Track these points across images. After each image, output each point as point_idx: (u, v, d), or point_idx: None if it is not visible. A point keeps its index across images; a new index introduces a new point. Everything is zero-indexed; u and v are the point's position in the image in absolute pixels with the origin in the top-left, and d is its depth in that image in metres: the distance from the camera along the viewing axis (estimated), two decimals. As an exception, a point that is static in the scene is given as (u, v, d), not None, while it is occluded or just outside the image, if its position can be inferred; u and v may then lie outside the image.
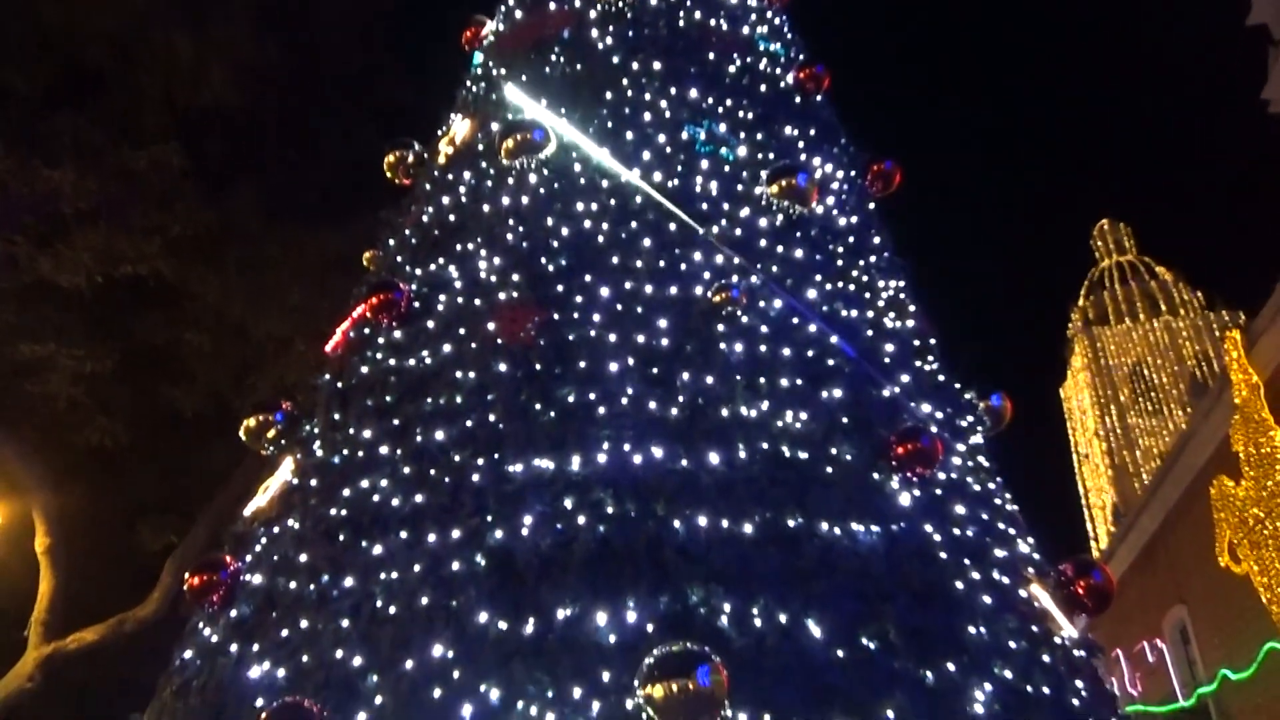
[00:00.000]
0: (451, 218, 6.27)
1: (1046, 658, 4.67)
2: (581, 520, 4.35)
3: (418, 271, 6.08)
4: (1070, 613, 5.28)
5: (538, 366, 5.02)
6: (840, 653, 4.04)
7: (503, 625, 4.09)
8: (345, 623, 4.34)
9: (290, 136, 16.44)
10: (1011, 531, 5.38)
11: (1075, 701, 4.60)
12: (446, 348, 5.39)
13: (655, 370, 4.92)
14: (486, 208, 6.10)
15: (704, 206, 5.81)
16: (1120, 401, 45.58)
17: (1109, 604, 5.40)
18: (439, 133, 7.44)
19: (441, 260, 5.99)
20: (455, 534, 4.47)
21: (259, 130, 16.19)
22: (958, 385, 6.23)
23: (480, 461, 4.70)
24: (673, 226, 5.66)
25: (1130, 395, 45.79)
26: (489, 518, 4.46)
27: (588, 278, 5.40)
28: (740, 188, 6.01)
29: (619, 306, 5.24)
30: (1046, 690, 4.47)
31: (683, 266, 5.46)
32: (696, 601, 4.08)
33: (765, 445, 4.66)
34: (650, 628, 3.98)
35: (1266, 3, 15.08)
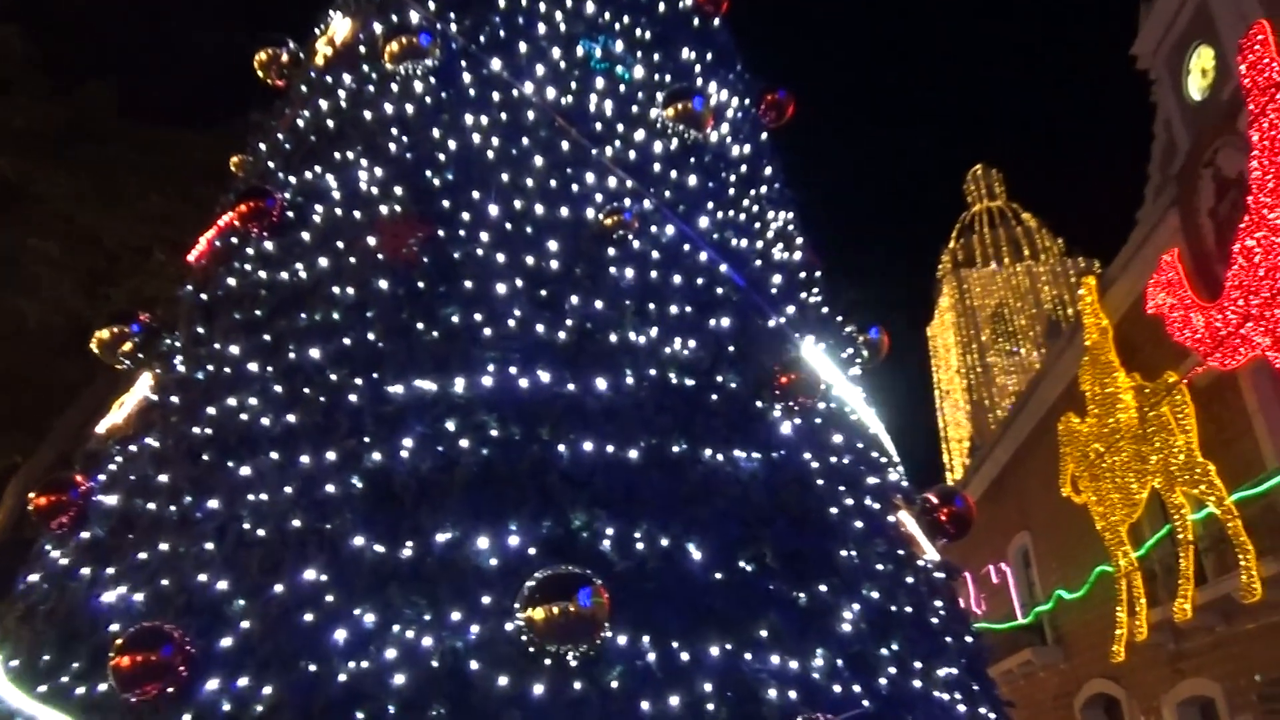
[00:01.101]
0: (330, 123, 5.91)
1: (910, 579, 4.89)
2: (464, 443, 4.25)
3: (292, 179, 5.72)
4: (933, 537, 5.55)
5: (421, 284, 4.83)
6: (719, 575, 4.12)
7: (379, 549, 3.99)
8: (209, 546, 4.15)
9: (150, 32, 15.19)
10: (883, 460, 5.57)
11: (934, 620, 4.85)
12: (323, 261, 5.12)
13: (544, 293, 4.80)
14: (368, 115, 5.77)
15: (597, 127, 5.65)
16: (981, 341, 48.06)
17: (969, 530, 5.71)
18: (316, 31, 6.96)
19: (318, 168, 5.65)
20: (330, 455, 4.31)
21: (115, 23, 14.89)
22: (839, 318, 6.36)
23: (358, 381, 4.52)
24: (565, 145, 5.49)
25: (991, 335, 48.32)
26: (366, 439, 4.31)
27: (475, 194, 5.20)
28: (635, 109, 5.87)
29: (508, 226, 5.07)
30: (909, 609, 4.69)
31: (574, 187, 5.31)
32: (579, 525, 4.07)
33: (653, 372, 4.65)
34: (532, 551, 3.96)
35: (1141, -40, 15.69)
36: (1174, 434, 14.72)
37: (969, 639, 5.17)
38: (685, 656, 3.82)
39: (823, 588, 4.31)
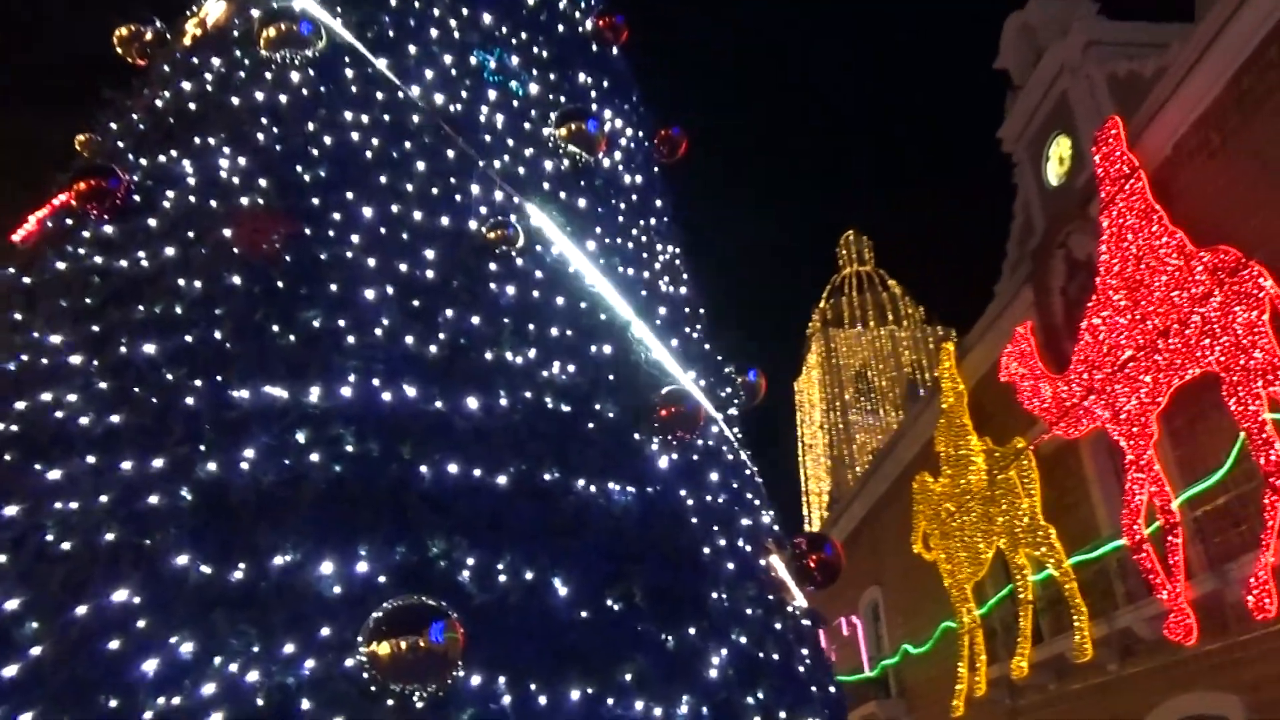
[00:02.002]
0: (192, 106, 5.45)
1: (779, 625, 4.77)
2: (314, 457, 3.88)
3: (142, 161, 5.23)
4: (801, 584, 5.45)
5: (280, 284, 4.44)
6: (584, 613, 3.88)
7: (206, 569, 3.55)
8: (2, 558, 3.61)
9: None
10: (756, 502, 5.47)
11: (800, 669, 4.73)
12: (169, 250, 4.66)
13: (416, 303, 4.50)
14: (236, 100, 5.35)
15: (487, 138, 5.42)
16: (845, 399, 49.73)
17: (837, 578, 5.64)
18: (188, 12, 6.48)
19: (174, 152, 5.19)
20: (157, 462, 3.85)
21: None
22: (719, 358, 6.27)
23: (197, 382, 4.08)
24: (451, 154, 5.22)
25: (854, 394, 50.07)
26: (201, 446, 3.88)
27: (349, 194, 4.86)
28: (527, 126, 5.67)
29: (382, 230, 4.75)
30: (776, 657, 4.56)
31: (457, 198, 5.04)
32: (437, 553, 3.76)
33: (528, 394, 4.39)
34: (382, 579, 3.61)
35: (1010, 50, 16.74)
36: (1020, 497, 15.38)
37: (832, 689, 5.07)
38: (543, 700, 3.54)
39: (692, 630, 4.12)
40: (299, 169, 4.94)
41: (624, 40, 6.87)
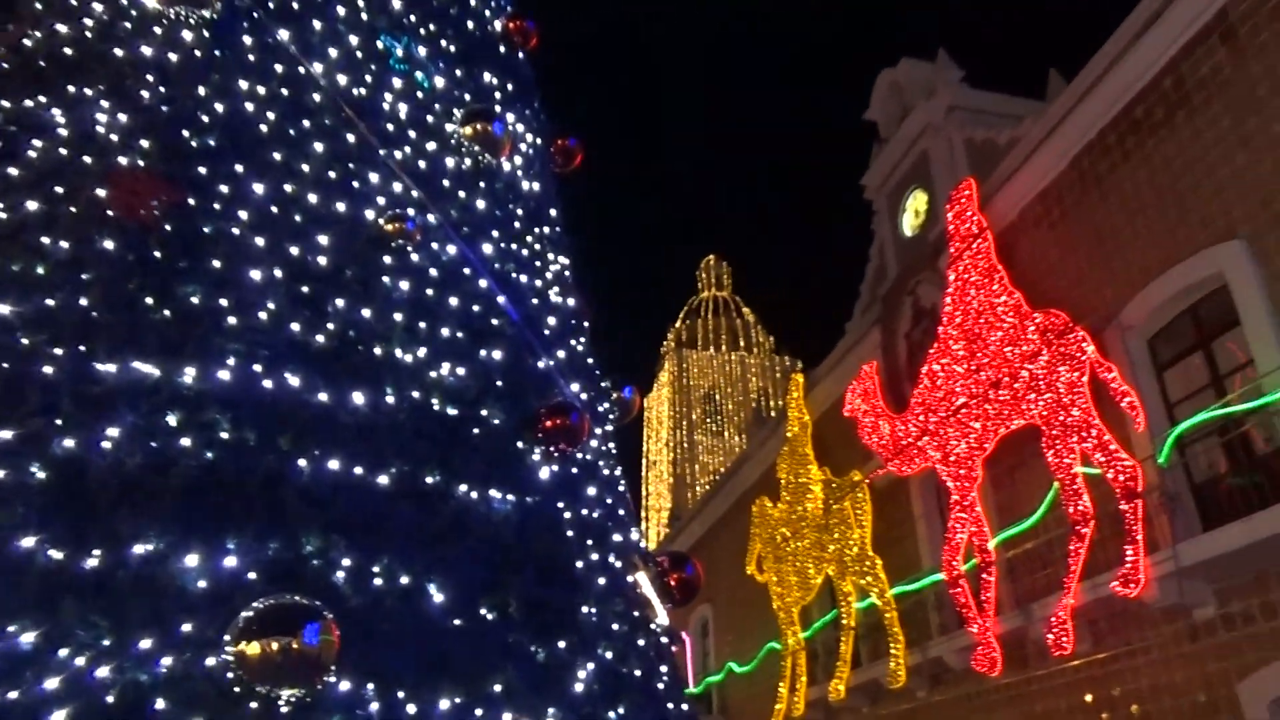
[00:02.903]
0: (68, 51, 5.05)
1: (642, 642, 4.84)
2: (185, 441, 3.67)
3: (4, 103, 4.80)
4: (662, 601, 5.56)
5: (158, 254, 4.18)
6: (458, 621, 3.83)
7: (55, 554, 3.29)
8: None
9: None
10: (626, 518, 5.54)
11: (660, 686, 4.82)
12: (32, 205, 4.30)
13: (306, 289, 4.33)
14: (119, 52, 4.99)
15: (389, 127, 5.28)
16: (692, 419, 50.91)
17: (694, 597, 5.78)
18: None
19: (44, 98, 4.79)
20: (4, 433, 3.54)
21: None
22: (598, 371, 6.33)
23: (58, 351, 3.78)
24: (351, 138, 5.06)
25: (701, 415, 51.32)
26: (58, 420, 3.60)
27: (240, 168, 4.63)
28: (430, 120, 5.56)
29: (274, 209, 4.55)
30: (638, 674, 4.63)
31: (355, 184, 4.89)
32: (312, 551, 3.62)
33: (416, 394, 4.31)
34: (252, 575, 3.46)
35: (880, 104, 17.68)
36: (851, 527, 16.16)
37: (685, 706, 5.19)
38: (412, 709, 3.47)
39: (562, 644, 4.14)
40: (186, 134, 4.67)
41: (533, 46, 6.85)
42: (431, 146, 5.40)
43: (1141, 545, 10.01)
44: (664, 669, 4.98)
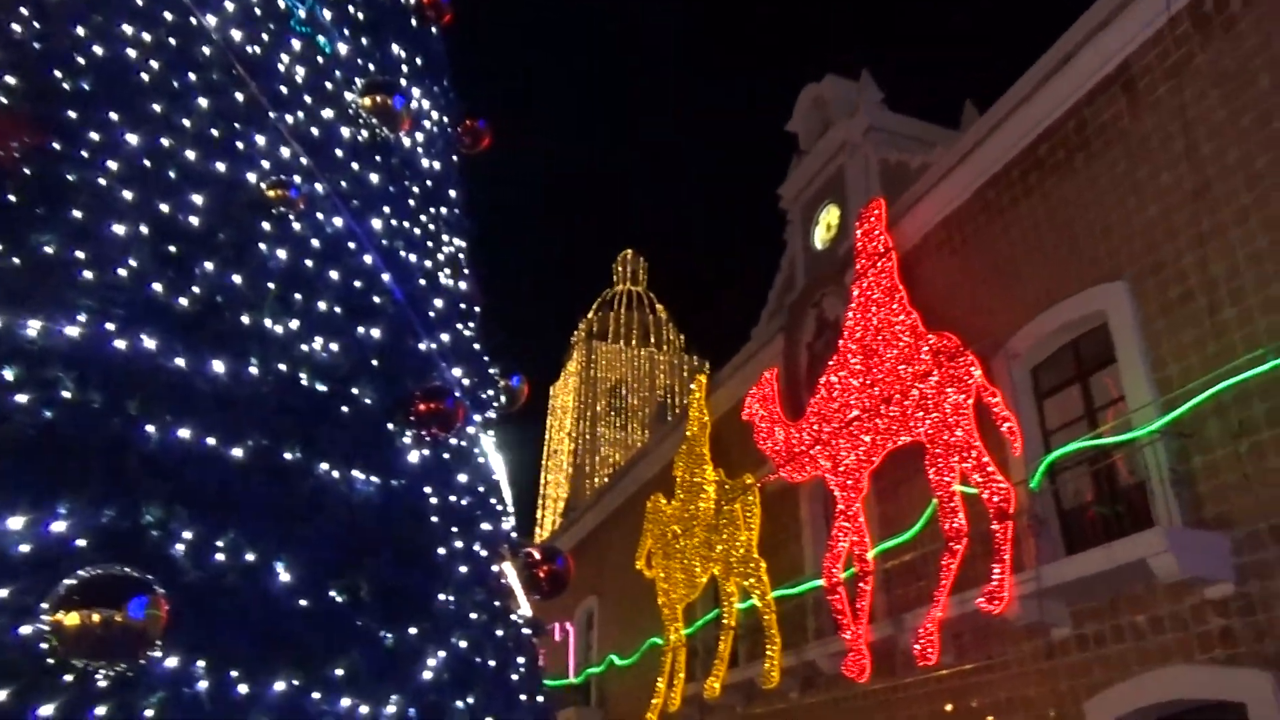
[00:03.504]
0: (-65, -26, 4.73)
1: (500, 633, 4.82)
2: (22, 398, 3.48)
3: None
4: (528, 593, 5.54)
5: (13, 198, 3.96)
6: (304, 603, 3.74)
7: None
8: None
9: None
10: (499, 508, 5.50)
11: (514, 677, 4.80)
12: (-123, 133, 4.02)
13: (173, 249, 4.16)
14: (-8, -18, 4.70)
15: (283, 90, 5.11)
16: (596, 411, 50.99)
17: (563, 591, 5.78)
18: None
19: (-97, 21, 4.48)
20: None
21: None
22: (486, 358, 6.26)
23: (-111, 291, 3.55)
24: (240, 97, 4.88)
25: (606, 407, 51.45)
26: (-118, 365, 3.38)
27: (114, 116, 4.41)
28: (329, 86, 5.41)
29: (146, 163, 4.36)
30: (492, 664, 4.61)
31: (239, 145, 4.72)
32: (151, 521, 3.49)
33: (283, 367, 4.18)
34: (81, 542, 3.30)
35: (802, 117, 17.95)
36: (740, 529, 16.41)
37: (540, 699, 5.19)
38: (244, 689, 3.38)
39: (413, 630, 4.08)
40: (58, 74, 4.43)
41: (446, 22, 6.72)
42: (327, 114, 5.25)
43: (1008, 565, 10.41)
44: (521, 660, 4.97)
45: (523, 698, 4.79)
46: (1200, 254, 9.34)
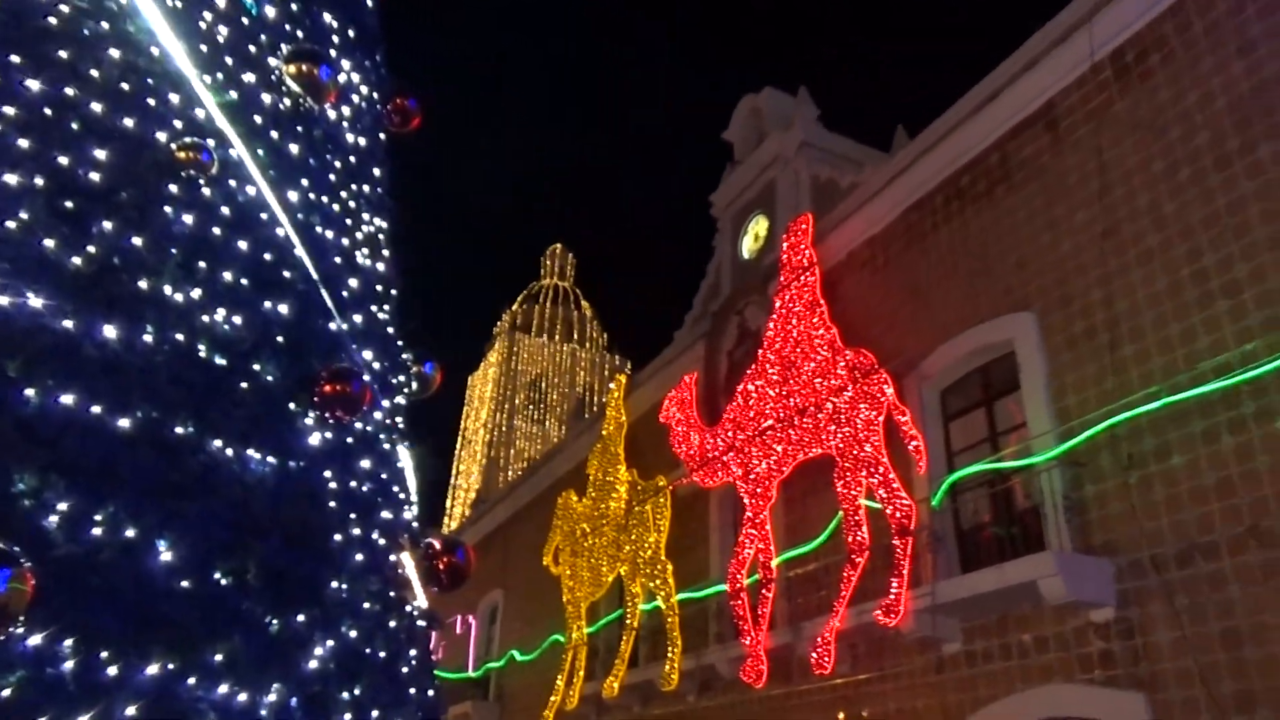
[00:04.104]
0: None
1: (392, 624, 4.71)
2: (-112, 351, 3.26)
3: None
4: (426, 585, 5.44)
5: (-105, 137, 3.70)
6: (185, 583, 3.58)
7: None
8: None
9: None
10: (402, 496, 5.39)
11: (405, 670, 4.70)
12: None
13: (70, 204, 3.94)
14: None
15: (203, 48, 4.90)
16: (514, 403, 50.58)
17: (462, 584, 5.69)
18: None
19: None
20: None
21: None
22: (400, 342, 6.13)
23: None
24: (155, 51, 4.66)
25: (524, 401, 51.07)
26: None
27: (14, 58, 4.17)
28: (253, 49, 5.21)
29: (47, 111, 4.12)
30: (382, 655, 4.50)
31: (151, 102, 4.51)
32: (24, 490, 3.29)
33: (180, 337, 4.01)
34: (-57, 509, 3.10)
35: (738, 127, 18.12)
36: (649, 531, 16.47)
37: (431, 693, 5.09)
38: (113, 670, 3.22)
39: (301, 618, 3.96)
40: (-44, 10, 4.17)
41: (382, -5, 6.56)
42: (249, 78, 5.06)
43: (906, 580, 10.66)
44: (413, 652, 4.87)
45: (412, 691, 4.69)
46: (1106, 291, 9.72)
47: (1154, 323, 9.16)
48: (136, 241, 4.06)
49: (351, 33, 6.14)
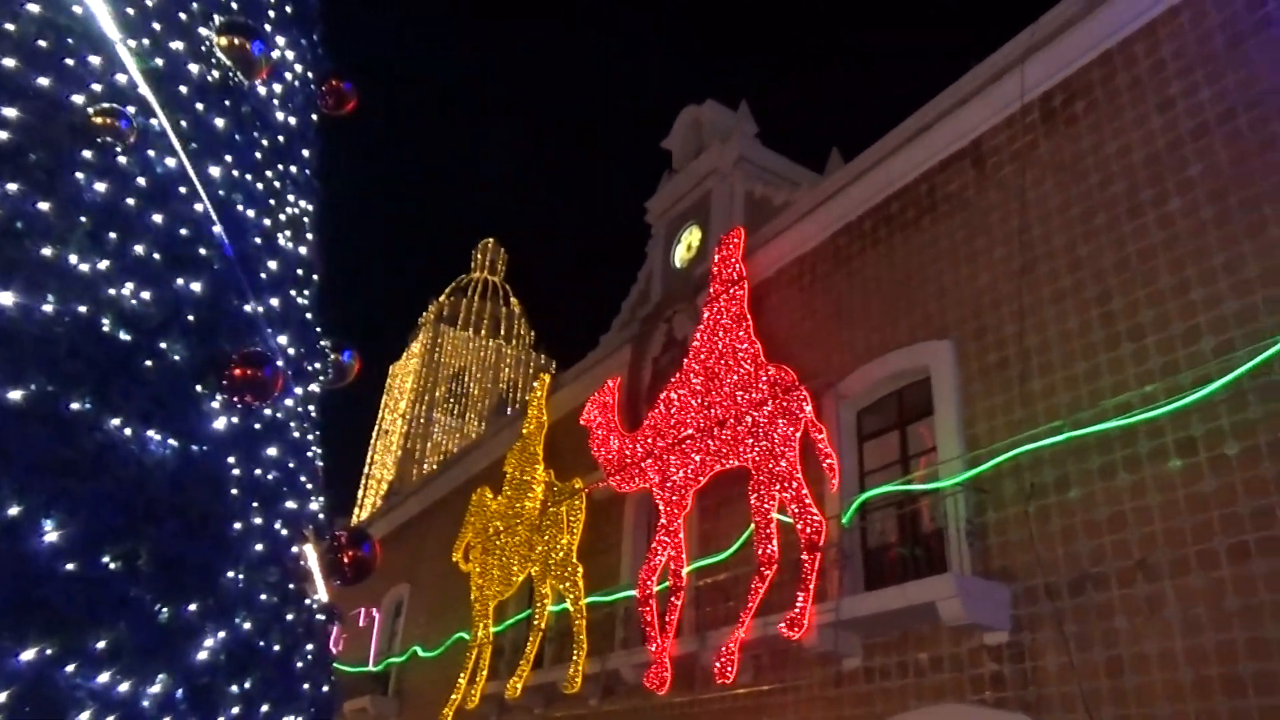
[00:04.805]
0: None
1: (290, 617, 4.60)
2: None
3: None
4: (328, 577, 5.32)
5: None
6: (71, 566, 3.43)
7: None
8: None
9: None
10: (309, 486, 5.26)
11: (299, 664, 4.59)
12: None
13: (-27, 163, 3.76)
14: None
15: (129, 11, 4.72)
16: (435, 396, 49.87)
17: (367, 578, 5.58)
18: None
19: None
20: None
21: None
22: (319, 328, 5.99)
23: None
24: (78, 10, 4.47)
25: (445, 394, 50.39)
26: None
27: (-77, 6, 3.96)
28: (183, 17, 5.04)
29: (-45, 62, 3.92)
30: (277, 649, 4.38)
31: (69, 61, 4.32)
32: (-101, 460, 3.12)
33: (84, 309, 3.84)
34: None
35: (678, 136, 18.23)
36: (562, 532, 16.42)
37: (325, 689, 4.98)
38: (-16, 654, 3.07)
39: (193, 607, 3.83)
40: None
41: (323, -26, 6.41)
42: (176, 46, 4.88)
43: (812, 594, 10.85)
44: (310, 647, 4.76)
45: (306, 686, 4.58)
46: (1020, 326, 10.06)
47: (1062, 359, 9.51)
48: (43, 207, 3.88)
49: (289, 8, 5.98)
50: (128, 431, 3.83)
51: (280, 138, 5.62)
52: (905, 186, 12.25)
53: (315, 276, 5.85)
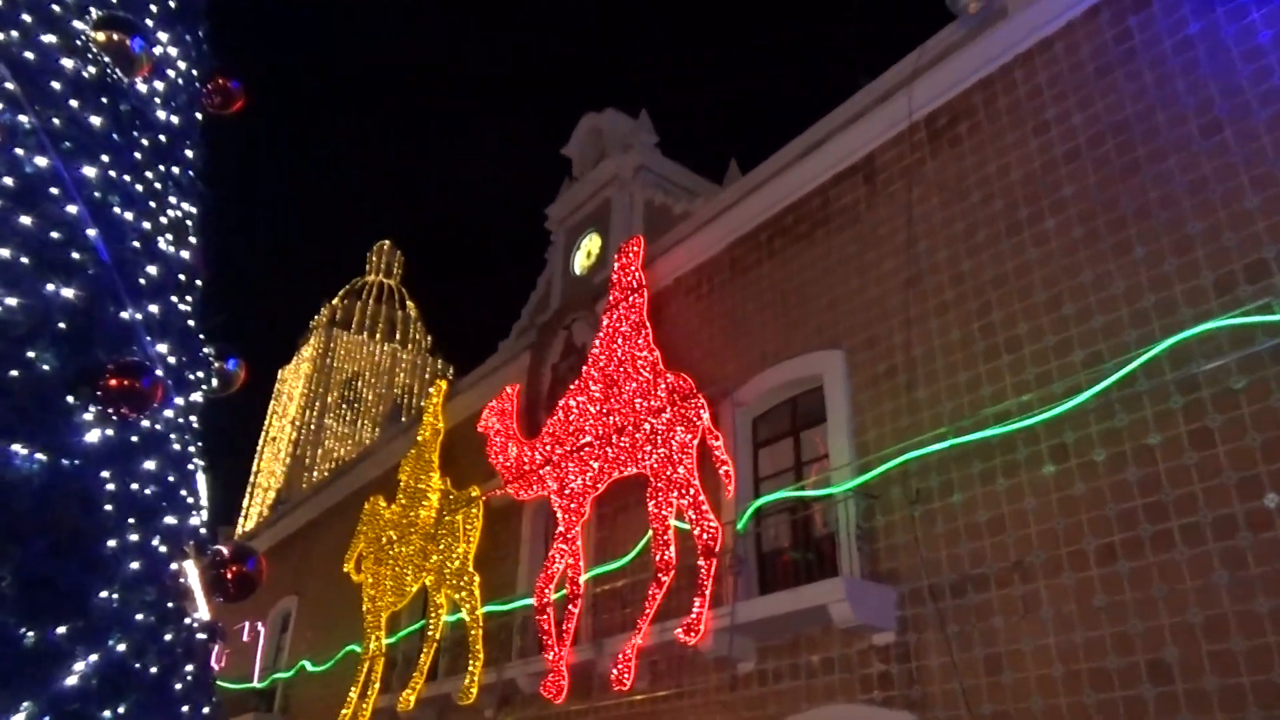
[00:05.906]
0: None
1: (169, 637, 4.41)
2: None
3: None
4: (210, 594, 5.12)
5: None
6: (-77, 590, 3.22)
7: None
8: None
9: None
10: (190, 501, 5.05)
11: (178, 686, 4.40)
12: None
13: None
14: None
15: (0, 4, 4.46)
16: (327, 401, 48.49)
17: (250, 595, 5.39)
18: None
19: None
20: None
21: None
22: (202, 335, 5.76)
23: None
24: (-61, -2, 4.21)
25: (338, 399, 49.05)
26: None
27: None
28: (56, 9, 4.78)
29: None
30: (154, 671, 4.20)
31: (-71, 51, 4.06)
32: None
33: (-58, 315, 3.61)
34: None
35: (578, 144, 18.24)
36: (458, 541, 16.18)
37: (206, 709, 4.79)
38: None
39: (62, 630, 3.63)
40: None
41: (210, -31, 6.18)
42: (49, 39, 4.63)
43: (708, 600, 10.99)
44: (190, 667, 4.56)
45: (185, 708, 4.39)
46: (906, 336, 10.44)
47: (946, 369, 9.91)
48: (-103, 206, 3.63)
49: (173, 3, 5.75)
50: (-10, 446, 3.61)
51: (162, 137, 5.39)
52: (800, 199, 12.57)
53: (199, 281, 5.62)
